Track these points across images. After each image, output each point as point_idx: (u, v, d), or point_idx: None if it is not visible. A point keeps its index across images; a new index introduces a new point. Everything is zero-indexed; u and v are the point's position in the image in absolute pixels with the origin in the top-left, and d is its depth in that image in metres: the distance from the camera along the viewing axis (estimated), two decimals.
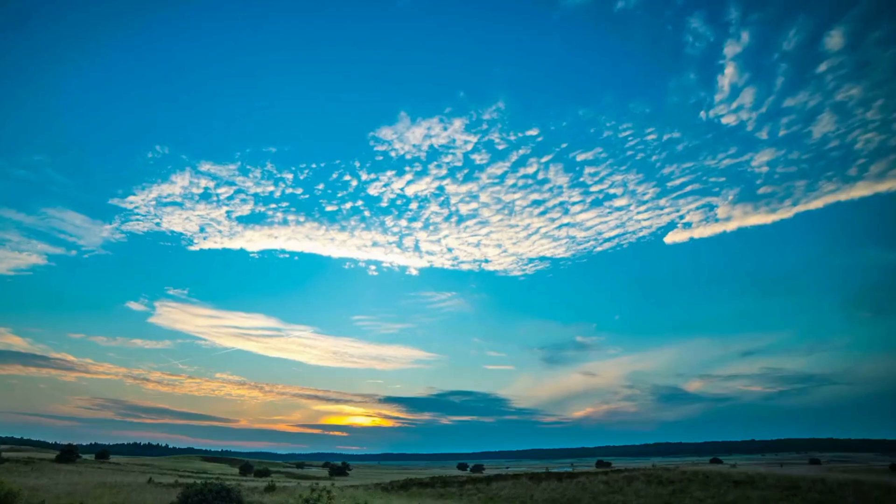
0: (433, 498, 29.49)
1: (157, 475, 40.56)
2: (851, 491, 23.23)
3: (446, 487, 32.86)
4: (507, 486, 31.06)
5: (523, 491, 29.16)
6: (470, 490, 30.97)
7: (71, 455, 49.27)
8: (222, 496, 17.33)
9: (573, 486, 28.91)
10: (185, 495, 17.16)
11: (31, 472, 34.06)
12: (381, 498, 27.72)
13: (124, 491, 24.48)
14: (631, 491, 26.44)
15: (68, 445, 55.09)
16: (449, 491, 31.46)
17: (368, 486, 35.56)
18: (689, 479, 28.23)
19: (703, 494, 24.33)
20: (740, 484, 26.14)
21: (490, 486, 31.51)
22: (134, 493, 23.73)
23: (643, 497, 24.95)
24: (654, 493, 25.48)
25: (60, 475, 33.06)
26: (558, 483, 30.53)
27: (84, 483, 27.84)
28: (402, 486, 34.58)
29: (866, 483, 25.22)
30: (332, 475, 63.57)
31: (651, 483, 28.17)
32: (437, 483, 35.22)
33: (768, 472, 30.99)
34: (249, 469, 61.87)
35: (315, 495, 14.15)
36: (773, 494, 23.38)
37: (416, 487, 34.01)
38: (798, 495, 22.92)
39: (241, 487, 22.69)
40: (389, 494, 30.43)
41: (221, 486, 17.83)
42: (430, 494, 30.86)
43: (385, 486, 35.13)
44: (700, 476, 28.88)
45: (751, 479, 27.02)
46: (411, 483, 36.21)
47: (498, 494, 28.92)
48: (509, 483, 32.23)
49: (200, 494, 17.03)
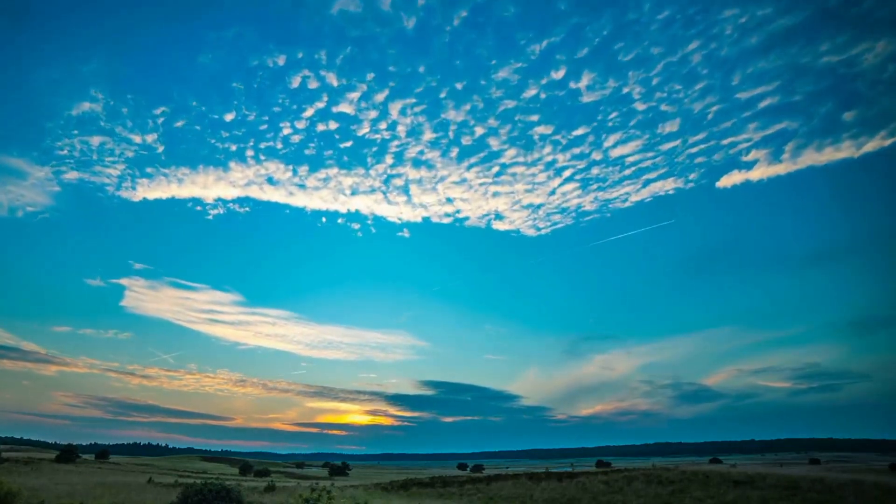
0: (433, 498, 29.49)
1: (157, 475, 40.55)
2: (851, 491, 23.23)
3: (446, 487, 32.87)
4: (507, 486, 31.07)
5: (523, 491, 29.16)
6: (470, 490, 30.98)
7: (71, 455, 49.24)
8: (222, 496, 17.33)
9: (573, 486, 28.91)
10: (185, 495, 17.16)
11: (31, 472, 34.05)
12: (381, 498, 27.71)
13: (124, 491, 24.49)
14: (631, 491, 26.44)
15: (68, 445, 55.11)
16: (449, 491, 31.47)
17: (368, 486, 35.57)
18: (688, 479, 28.23)
19: (702, 494, 24.32)
20: (740, 484, 26.15)
21: (490, 486, 31.52)
22: (134, 493, 23.74)
23: (643, 497, 24.94)
24: (654, 493, 25.48)
25: (60, 475, 33.07)
26: (558, 483, 30.53)
27: (84, 483, 27.86)
28: (402, 486, 34.59)
29: (866, 483, 25.23)
30: (332, 475, 63.57)
31: (651, 483, 28.18)
32: (436, 483, 35.24)
33: (768, 472, 31.00)
34: (249, 469, 61.87)
35: (315, 495, 14.13)
36: (772, 494, 23.37)
37: (416, 487, 34.02)
38: (798, 495, 22.92)
39: (241, 487, 22.68)
40: (389, 494, 30.43)
41: (221, 486, 17.83)
42: (429, 494, 30.86)
43: (385, 486, 35.13)
44: (700, 476, 28.89)
45: (751, 479, 27.03)
46: (411, 483, 36.22)
47: (498, 494, 28.92)
48: (509, 483, 32.23)
49: (200, 494, 17.03)
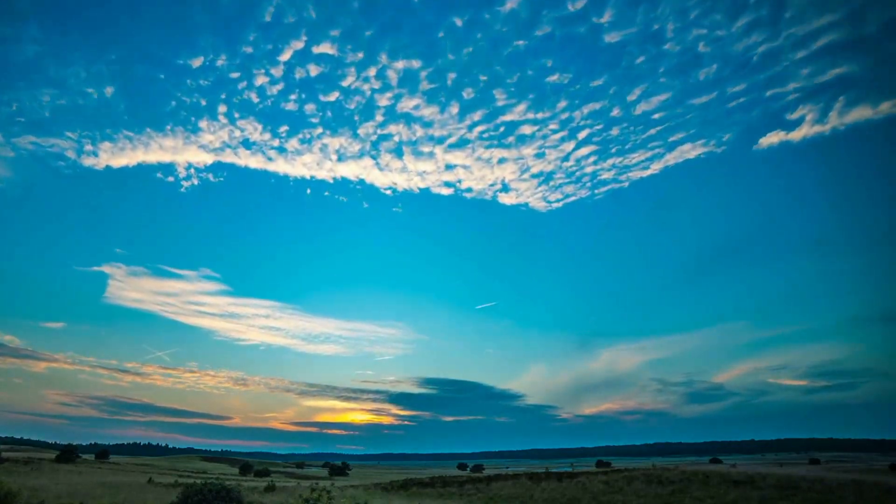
0: (433, 498, 29.49)
1: (157, 475, 40.56)
2: (851, 491, 23.23)
3: (446, 487, 32.87)
4: (507, 486, 31.07)
5: (523, 491, 29.16)
6: (470, 490, 30.98)
7: (71, 455, 49.23)
8: (222, 496, 17.32)
9: (573, 486, 28.91)
10: (186, 495, 17.15)
11: (31, 472, 34.04)
12: (381, 498, 27.72)
13: (125, 491, 24.49)
14: (631, 491, 26.44)
15: (68, 445, 55.10)
16: (449, 491, 31.47)
17: (368, 486, 35.58)
18: (688, 479, 28.22)
19: (702, 494, 24.32)
20: (740, 484, 26.14)
21: (490, 486, 31.52)
22: (134, 493, 23.74)
23: (643, 497, 24.94)
24: (654, 493, 25.47)
25: (60, 475, 33.07)
26: (558, 483, 30.53)
27: (84, 483, 27.85)
28: (402, 486, 34.60)
29: (866, 483, 25.22)
30: (332, 475, 63.57)
31: (651, 483, 28.17)
32: (436, 483, 35.24)
33: (768, 472, 31.00)
34: (249, 469, 61.89)
35: (315, 495, 14.13)
36: (772, 494, 23.37)
37: (415, 487, 34.02)
38: (798, 495, 22.91)
39: (241, 487, 22.68)
40: (389, 494, 30.43)
41: (221, 486, 17.82)
42: (429, 494, 30.86)
43: (385, 486, 35.14)
44: (700, 476, 28.88)
45: (751, 479, 27.02)
46: (411, 483, 36.23)
47: (498, 494, 28.93)
48: (509, 483, 32.23)
49: (200, 494, 17.03)
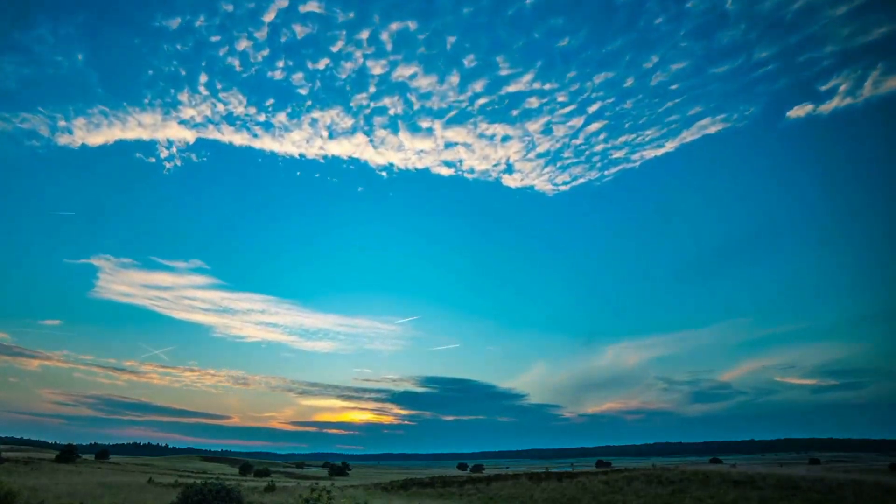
0: (433, 498, 29.49)
1: (157, 475, 40.56)
2: (851, 491, 23.23)
3: (446, 487, 32.88)
4: (507, 486, 31.07)
5: (523, 491, 29.16)
6: (470, 490, 30.98)
7: (71, 455, 49.22)
8: (222, 496, 17.33)
9: (573, 486, 28.91)
10: (186, 495, 17.16)
11: (31, 472, 34.04)
12: (381, 498, 27.72)
13: (125, 491, 24.49)
14: (631, 491, 26.44)
15: (68, 445, 55.04)
16: (449, 491, 31.47)
17: (368, 486, 35.58)
18: (688, 479, 28.22)
19: (702, 494, 24.32)
20: (740, 484, 26.14)
21: (490, 486, 31.52)
22: (134, 493, 23.74)
23: (643, 497, 24.95)
24: (654, 493, 25.48)
25: (60, 475, 33.07)
26: (558, 483, 30.53)
27: (84, 483, 27.85)
28: (402, 486, 34.60)
29: (866, 483, 25.22)
30: (332, 475, 63.57)
31: (651, 483, 28.17)
32: (436, 483, 35.25)
33: (768, 472, 30.99)
34: (249, 469, 61.88)
35: (315, 495, 14.12)
36: (772, 494, 23.37)
37: (416, 487, 34.02)
38: (798, 495, 22.92)
39: (241, 487, 22.69)
40: (389, 494, 30.44)
41: (221, 486, 17.83)
42: (429, 494, 30.86)
43: (385, 486, 35.15)
44: (700, 476, 28.87)
45: (750, 479, 27.02)
46: (411, 483, 36.23)
47: (498, 494, 28.93)
48: (509, 483, 32.23)
49: (200, 494, 17.04)
